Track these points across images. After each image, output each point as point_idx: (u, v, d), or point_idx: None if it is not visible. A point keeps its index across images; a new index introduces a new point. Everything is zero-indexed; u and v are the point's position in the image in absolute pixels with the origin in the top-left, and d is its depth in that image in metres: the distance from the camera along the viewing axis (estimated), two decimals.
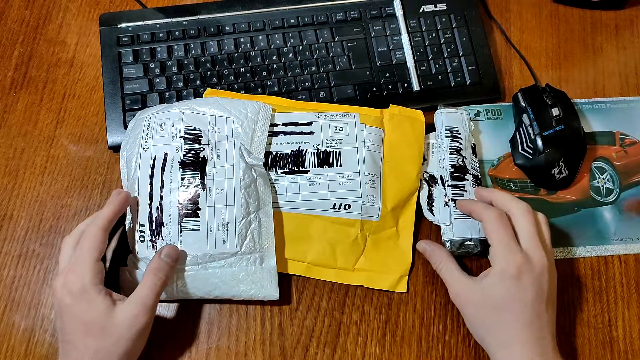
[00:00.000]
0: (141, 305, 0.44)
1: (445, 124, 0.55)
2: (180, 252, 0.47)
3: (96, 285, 0.43)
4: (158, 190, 0.48)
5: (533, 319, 0.44)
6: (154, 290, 0.44)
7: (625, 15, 0.66)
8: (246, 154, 0.51)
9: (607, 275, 0.53)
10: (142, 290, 0.44)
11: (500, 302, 0.44)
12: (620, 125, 0.59)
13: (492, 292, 0.45)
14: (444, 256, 0.49)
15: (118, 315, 0.43)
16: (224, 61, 0.59)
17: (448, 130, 0.55)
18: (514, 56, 0.63)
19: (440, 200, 0.53)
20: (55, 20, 0.64)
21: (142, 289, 0.44)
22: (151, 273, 0.45)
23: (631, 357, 0.50)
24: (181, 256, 0.47)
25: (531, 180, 0.56)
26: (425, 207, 0.54)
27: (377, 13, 0.62)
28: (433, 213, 0.54)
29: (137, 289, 0.44)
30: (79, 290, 0.43)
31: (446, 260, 0.49)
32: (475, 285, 0.46)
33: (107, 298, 0.43)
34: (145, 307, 0.44)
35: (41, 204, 0.55)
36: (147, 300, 0.44)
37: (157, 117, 0.51)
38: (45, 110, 0.59)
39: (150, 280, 0.45)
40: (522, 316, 0.44)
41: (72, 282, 0.43)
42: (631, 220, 0.55)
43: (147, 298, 0.44)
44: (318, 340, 0.50)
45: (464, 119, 0.56)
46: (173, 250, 0.47)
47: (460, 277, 0.47)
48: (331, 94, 0.59)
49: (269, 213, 0.50)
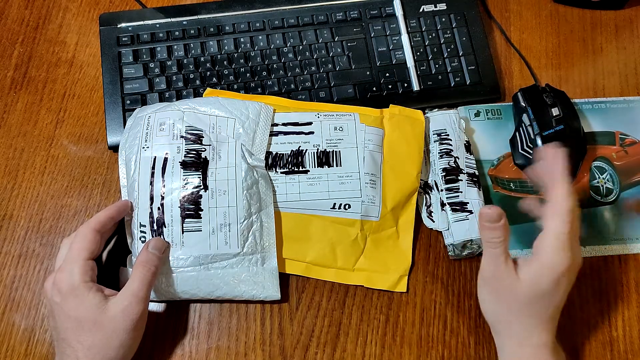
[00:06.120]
0: (132, 297, 0.44)
1: (432, 129, 0.55)
2: (166, 243, 0.48)
3: (86, 282, 0.44)
4: (159, 190, 0.49)
5: (555, 314, 0.45)
6: (144, 281, 0.45)
7: (625, 15, 0.66)
8: (247, 155, 0.51)
9: (607, 275, 0.53)
10: (132, 283, 0.45)
11: (539, 296, 0.44)
12: (620, 125, 0.59)
13: (535, 285, 0.43)
14: (507, 237, 0.44)
15: (110, 309, 0.43)
16: (224, 61, 0.59)
17: (435, 134, 0.55)
18: (514, 56, 0.63)
19: (437, 205, 0.53)
20: (55, 20, 0.64)
21: (132, 281, 0.45)
22: (140, 265, 0.45)
23: (631, 357, 0.50)
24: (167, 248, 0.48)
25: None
26: (425, 215, 0.54)
27: (377, 13, 0.62)
28: (432, 219, 0.54)
29: (128, 283, 0.45)
30: (68, 288, 0.43)
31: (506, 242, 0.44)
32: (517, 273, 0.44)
33: (97, 294, 0.44)
34: (137, 298, 0.44)
35: (41, 204, 0.55)
36: (138, 292, 0.44)
37: (157, 116, 0.51)
38: (45, 110, 0.59)
39: (140, 272, 0.45)
40: (551, 311, 0.44)
41: (60, 281, 0.44)
42: (631, 220, 0.55)
43: (137, 289, 0.44)
44: (318, 340, 0.50)
45: (452, 119, 0.56)
46: (159, 242, 0.47)
47: (510, 266, 0.44)
48: (331, 94, 0.59)
49: (270, 214, 0.50)
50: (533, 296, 0.44)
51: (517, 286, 0.44)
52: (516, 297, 0.44)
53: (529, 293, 0.44)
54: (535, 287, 0.44)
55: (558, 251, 0.43)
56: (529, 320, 0.44)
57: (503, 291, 0.45)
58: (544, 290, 0.43)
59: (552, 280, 0.43)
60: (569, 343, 0.51)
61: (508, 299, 0.45)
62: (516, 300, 0.44)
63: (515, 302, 0.44)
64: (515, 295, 0.44)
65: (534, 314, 0.44)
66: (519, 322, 0.45)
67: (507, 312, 0.45)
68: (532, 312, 0.44)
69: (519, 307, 0.45)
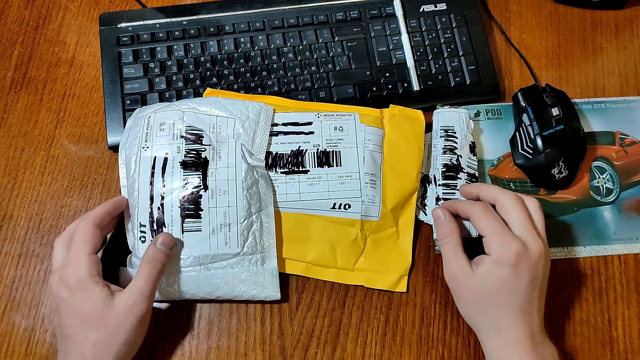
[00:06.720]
0: (138, 294, 0.44)
1: (440, 124, 0.55)
2: (176, 240, 0.47)
3: (93, 276, 0.44)
4: (159, 190, 0.49)
5: (526, 304, 0.44)
6: (150, 279, 0.44)
7: (625, 15, 0.66)
8: (248, 155, 0.51)
9: (607, 275, 0.53)
10: (139, 280, 0.44)
11: (495, 288, 0.44)
12: (620, 125, 0.59)
13: (489, 279, 0.45)
14: (454, 232, 0.48)
15: (116, 305, 0.43)
16: (224, 61, 0.59)
17: (443, 130, 0.55)
18: (514, 56, 0.63)
19: (432, 199, 0.54)
20: (55, 20, 0.64)
21: (139, 278, 0.45)
22: (147, 262, 0.45)
23: (631, 357, 0.50)
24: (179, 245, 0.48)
25: (531, 180, 0.56)
26: (418, 206, 0.54)
27: (377, 13, 0.62)
28: (425, 212, 0.54)
29: (134, 279, 0.45)
30: (75, 283, 0.43)
31: (454, 237, 0.47)
32: (473, 270, 0.46)
33: (104, 289, 0.44)
34: (143, 296, 0.44)
35: (41, 203, 0.55)
36: (144, 289, 0.44)
37: (157, 116, 0.51)
38: (45, 110, 0.59)
39: (147, 269, 0.45)
40: (516, 302, 0.44)
41: (68, 276, 0.44)
42: (631, 220, 0.55)
43: (144, 287, 0.44)
44: (318, 340, 0.50)
45: (462, 117, 0.56)
46: (168, 238, 0.47)
47: (461, 259, 0.46)
48: (331, 94, 0.59)
49: (270, 214, 0.50)
50: (489, 288, 0.45)
51: (472, 282, 0.45)
52: (472, 292, 0.45)
53: (483, 287, 0.45)
54: (486, 281, 0.45)
55: (497, 245, 0.45)
56: (495, 313, 0.45)
57: (462, 288, 0.46)
58: (496, 282, 0.44)
59: (502, 272, 0.44)
60: (569, 343, 0.51)
61: (469, 295, 0.46)
62: (474, 294, 0.45)
63: (475, 297, 0.45)
64: (471, 290, 0.45)
65: (497, 307, 0.45)
66: (485, 317, 0.45)
67: (473, 308, 0.46)
68: (493, 306, 0.45)
69: (479, 302, 0.45)
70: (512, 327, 0.44)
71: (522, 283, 0.44)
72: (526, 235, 0.45)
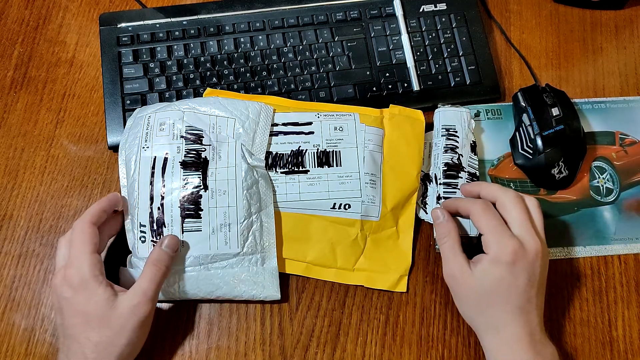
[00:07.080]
0: (142, 295, 0.44)
1: (442, 123, 0.55)
2: (180, 242, 0.47)
3: (96, 276, 0.44)
4: (159, 190, 0.49)
5: (524, 303, 0.44)
6: (154, 281, 0.45)
7: (625, 15, 0.66)
8: (248, 155, 0.51)
9: (607, 275, 0.53)
10: (143, 281, 0.44)
11: (493, 287, 0.45)
12: (620, 125, 0.59)
13: (486, 278, 0.45)
14: (452, 231, 0.48)
15: (119, 306, 0.43)
16: (224, 61, 0.59)
17: (444, 129, 0.55)
18: (514, 56, 0.63)
19: (432, 198, 0.54)
20: (55, 20, 0.64)
21: (143, 279, 0.45)
22: (152, 264, 0.45)
23: (631, 357, 0.50)
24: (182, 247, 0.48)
25: (531, 180, 0.56)
26: (419, 205, 0.54)
27: (377, 13, 0.62)
28: (426, 211, 0.54)
29: (138, 280, 0.45)
30: (79, 282, 0.43)
31: (452, 236, 0.48)
32: (471, 269, 0.46)
33: (108, 289, 0.44)
34: (146, 297, 0.44)
35: (41, 203, 0.55)
36: (148, 291, 0.44)
37: (157, 116, 0.51)
38: (45, 110, 0.59)
39: (151, 271, 0.45)
40: (514, 300, 0.44)
41: (71, 275, 0.44)
42: (631, 220, 0.55)
43: (148, 289, 0.44)
44: (318, 340, 0.50)
45: (464, 117, 0.56)
46: (174, 241, 0.47)
47: (460, 259, 0.47)
48: (331, 94, 0.59)
49: (270, 214, 0.50)
50: (487, 287, 0.45)
51: (470, 281, 0.45)
52: (471, 291, 0.46)
53: (481, 286, 0.45)
54: (484, 280, 0.45)
55: (495, 243, 0.45)
56: (494, 312, 0.45)
57: (461, 287, 0.46)
58: (493, 281, 0.44)
59: (499, 270, 0.44)
60: (569, 343, 0.51)
61: (467, 295, 0.46)
62: (473, 294, 0.46)
63: (473, 296, 0.46)
64: (470, 289, 0.46)
65: (495, 305, 0.45)
66: (484, 316, 0.46)
67: (472, 307, 0.46)
68: (491, 304, 0.45)
69: (477, 301, 0.46)
70: (510, 326, 0.44)
71: (519, 282, 0.44)
72: (524, 234, 0.45)
